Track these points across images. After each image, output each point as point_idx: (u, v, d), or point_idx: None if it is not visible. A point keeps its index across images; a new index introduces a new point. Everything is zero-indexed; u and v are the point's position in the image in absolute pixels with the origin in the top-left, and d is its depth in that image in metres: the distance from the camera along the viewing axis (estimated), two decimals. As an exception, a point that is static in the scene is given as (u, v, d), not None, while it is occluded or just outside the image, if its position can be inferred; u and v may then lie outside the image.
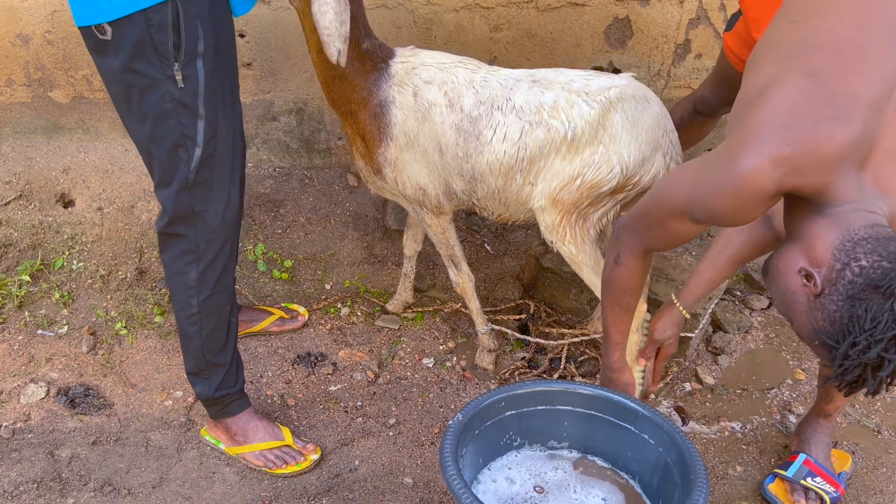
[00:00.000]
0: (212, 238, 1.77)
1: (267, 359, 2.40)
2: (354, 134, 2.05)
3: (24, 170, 2.81)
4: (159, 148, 1.67)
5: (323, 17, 1.73)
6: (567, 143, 1.90)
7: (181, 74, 1.58)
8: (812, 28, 1.37)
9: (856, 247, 1.20)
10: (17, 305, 2.53)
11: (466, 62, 2.01)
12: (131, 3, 1.49)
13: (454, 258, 2.24)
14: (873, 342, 1.17)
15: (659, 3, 2.70)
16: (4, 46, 2.69)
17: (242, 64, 2.79)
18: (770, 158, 1.23)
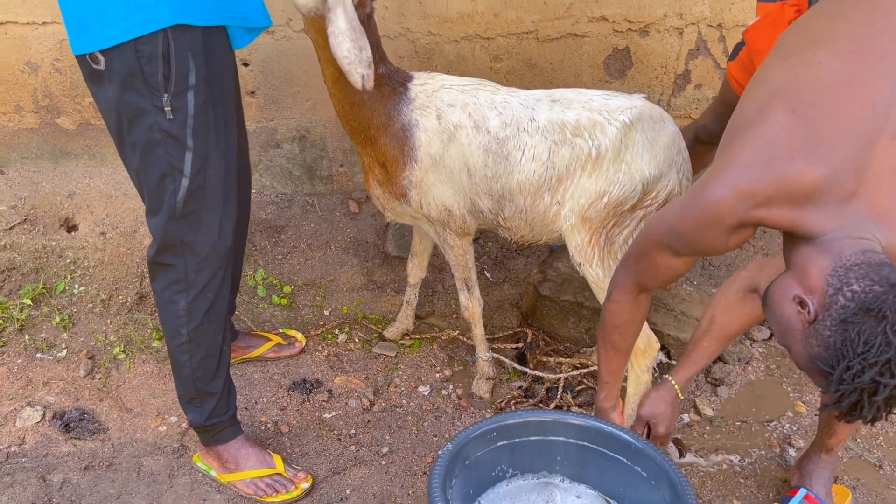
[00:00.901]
0: (201, 268, 1.77)
1: (262, 385, 2.40)
2: (372, 161, 2.05)
3: (30, 194, 2.85)
4: (147, 177, 1.69)
5: (340, 48, 1.75)
6: (592, 161, 1.95)
7: (170, 106, 1.59)
8: (804, 62, 1.40)
9: (848, 272, 1.20)
10: (17, 329, 2.55)
11: (485, 84, 2.04)
12: (122, 33, 1.52)
13: (469, 281, 2.25)
14: (867, 366, 1.16)
15: (658, 34, 2.72)
16: (13, 74, 2.74)
17: (246, 92, 2.82)
18: (736, 191, 1.28)
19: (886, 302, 1.15)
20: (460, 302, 2.29)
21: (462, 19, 2.67)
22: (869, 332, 1.15)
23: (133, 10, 1.51)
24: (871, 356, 1.15)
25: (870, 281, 1.18)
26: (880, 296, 1.16)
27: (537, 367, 2.47)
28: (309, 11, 1.81)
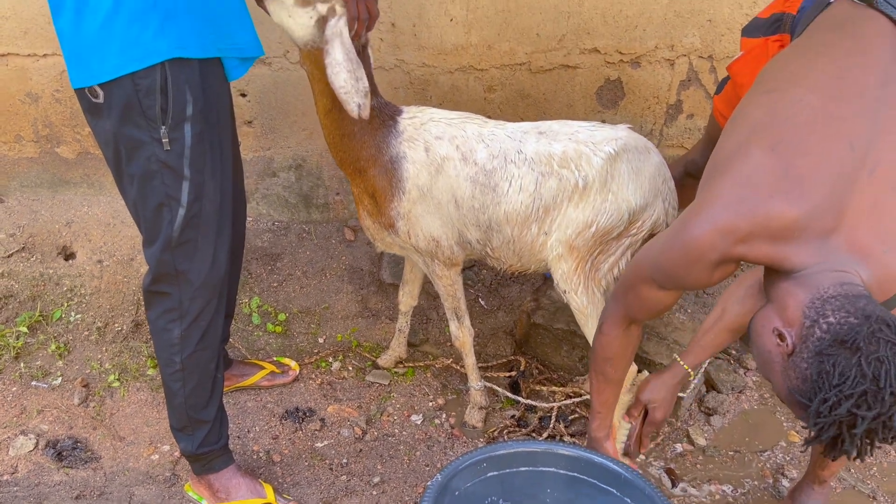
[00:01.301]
0: (195, 296, 1.80)
1: (255, 413, 2.40)
2: (362, 192, 2.08)
3: (29, 223, 2.88)
4: (144, 207, 1.71)
5: (337, 78, 1.79)
6: (579, 192, 1.98)
7: (168, 137, 1.63)
8: (783, 99, 1.42)
9: (824, 304, 1.21)
10: (13, 356, 2.56)
11: (473, 117, 2.08)
12: (120, 66, 1.55)
13: (458, 311, 2.27)
14: (843, 398, 1.16)
15: (650, 65, 2.75)
16: (14, 104, 2.78)
17: (244, 122, 2.86)
18: (717, 228, 1.30)
19: (860, 333, 1.16)
20: (451, 331, 2.31)
21: (456, 51, 2.71)
22: (844, 363, 1.16)
23: (131, 44, 1.54)
24: (847, 388, 1.15)
25: (845, 313, 1.19)
26: (855, 327, 1.16)
27: (530, 396, 2.47)
28: (305, 45, 1.85)
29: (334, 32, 1.78)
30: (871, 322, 1.16)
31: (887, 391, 1.14)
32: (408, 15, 2.63)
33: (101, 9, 1.53)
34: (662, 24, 2.66)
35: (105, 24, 1.54)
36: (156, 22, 1.56)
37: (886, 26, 1.43)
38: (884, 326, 1.16)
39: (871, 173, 1.31)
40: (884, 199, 1.31)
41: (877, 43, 1.41)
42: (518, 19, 2.64)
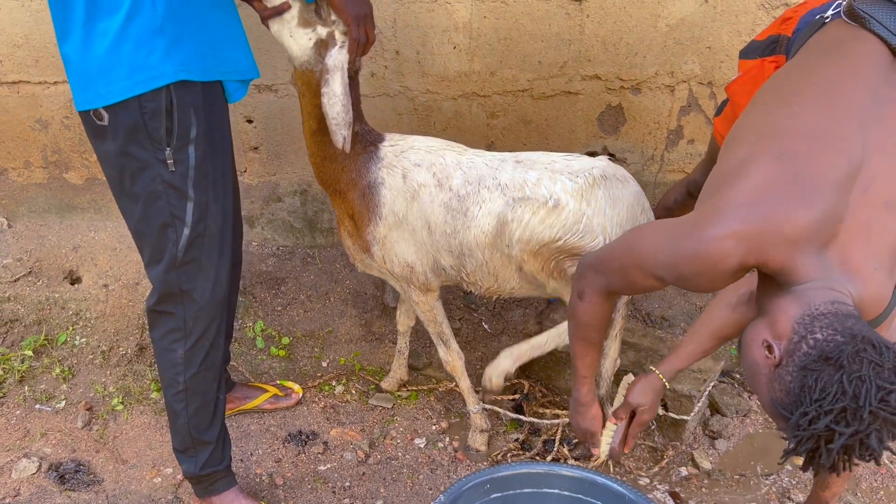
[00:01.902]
0: (199, 316, 1.81)
1: (258, 436, 2.40)
2: (343, 214, 2.12)
3: (36, 247, 2.90)
4: (149, 228, 1.74)
5: (332, 109, 1.85)
6: (548, 209, 1.96)
7: (172, 158, 1.66)
8: (783, 113, 1.45)
9: (814, 321, 1.23)
10: (18, 380, 2.57)
11: (453, 146, 2.10)
12: (126, 89, 1.58)
13: (442, 336, 2.27)
14: (823, 413, 1.18)
15: (650, 91, 2.79)
16: (24, 131, 2.83)
17: (249, 148, 2.90)
18: (733, 233, 1.30)
19: (845, 352, 1.17)
20: (440, 357, 2.31)
21: (459, 78, 2.75)
22: (826, 379, 1.18)
23: (138, 67, 1.58)
24: (827, 404, 1.17)
25: (833, 331, 1.21)
26: (840, 345, 1.18)
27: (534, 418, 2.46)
28: (301, 65, 1.89)
29: (336, 64, 1.83)
30: (857, 341, 1.18)
31: (866, 409, 1.15)
32: (411, 43, 2.68)
33: (109, 33, 1.57)
34: (662, 51, 2.71)
35: (112, 47, 1.58)
36: (162, 46, 1.59)
37: (878, 48, 1.46)
38: (868, 346, 1.18)
39: (865, 191, 1.33)
40: (876, 216, 1.33)
41: (868, 64, 1.44)
42: (520, 47, 2.69)
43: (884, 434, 1.17)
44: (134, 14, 1.56)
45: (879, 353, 1.17)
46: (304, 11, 1.80)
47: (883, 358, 1.17)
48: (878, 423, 1.16)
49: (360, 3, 1.78)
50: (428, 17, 2.63)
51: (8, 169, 2.93)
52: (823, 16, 1.62)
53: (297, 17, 1.81)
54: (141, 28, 1.57)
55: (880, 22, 1.45)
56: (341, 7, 1.77)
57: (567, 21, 2.64)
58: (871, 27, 1.47)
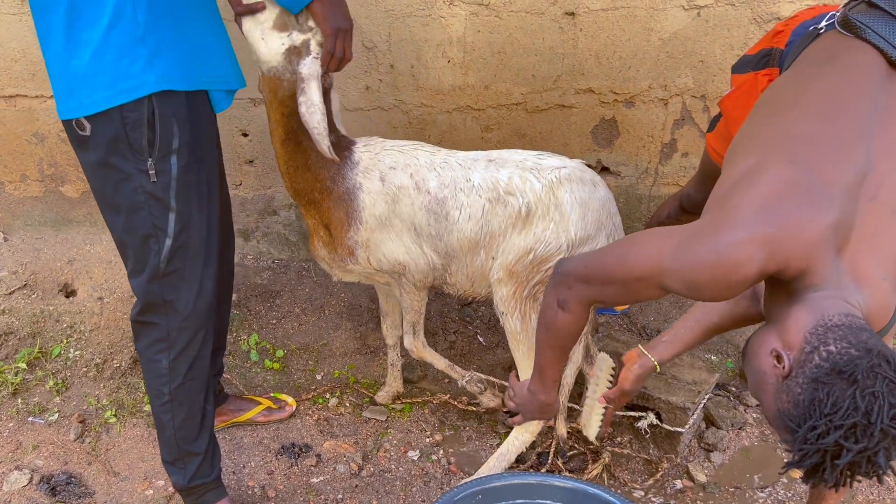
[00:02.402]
0: (183, 326, 1.80)
1: (251, 449, 2.39)
2: (317, 224, 2.09)
3: (32, 260, 2.91)
4: (132, 238, 1.73)
5: (312, 118, 1.82)
6: (522, 219, 2.00)
7: (154, 169, 1.65)
8: (787, 122, 1.44)
9: (827, 333, 1.20)
10: (11, 393, 2.56)
11: (423, 146, 2.11)
12: (108, 99, 1.58)
13: (416, 325, 2.28)
14: (832, 428, 1.15)
15: (644, 104, 2.81)
16: (21, 144, 2.84)
17: (245, 161, 2.92)
18: (753, 238, 1.25)
19: (860, 367, 1.14)
20: (405, 344, 2.31)
21: (454, 91, 2.77)
22: (838, 394, 1.14)
23: (120, 77, 1.57)
24: (838, 419, 1.14)
25: (847, 343, 1.17)
26: (855, 359, 1.15)
27: (528, 432, 2.45)
28: (269, 70, 1.85)
29: (311, 73, 1.80)
30: (872, 356, 1.15)
31: (877, 427, 1.12)
32: (406, 57, 2.70)
33: (90, 43, 1.56)
34: (655, 64, 2.72)
35: (94, 57, 1.57)
36: (144, 56, 1.59)
37: (874, 57, 1.46)
38: (883, 362, 1.15)
39: (873, 199, 1.31)
40: (884, 225, 1.31)
41: (866, 73, 1.44)
42: (514, 60, 2.71)
43: (892, 451, 1.14)
44: (115, 23, 1.55)
45: (894, 369, 1.15)
46: (282, 14, 1.77)
47: None
48: (888, 441, 1.13)
49: (341, 17, 1.76)
50: (422, 31, 2.66)
51: (4, 182, 2.94)
52: (817, 27, 1.63)
53: (272, 19, 1.78)
54: (122, 38, 1.56)
55: (875, 31, 1.46)
56: (322, 17, 1.74)
57: (560, 35, 2.67)
58: (866, 36, 1.47)
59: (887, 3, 1.49)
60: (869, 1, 1.51)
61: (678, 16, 2.64)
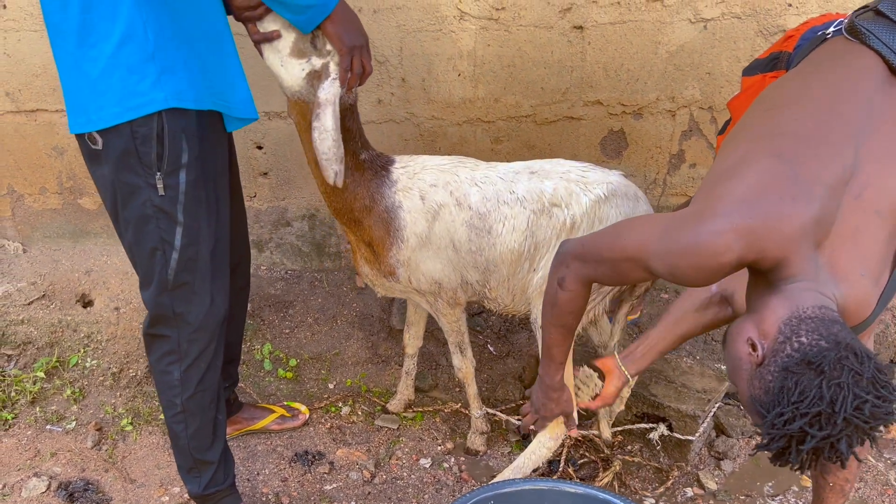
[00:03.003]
0: (194, 338, 1.83)
1: (265, 456, 2.42)
2: (359, 241, 2.12)
3: (50, 271, 2.96)
4: (139, 250, 1.76)
5: (322, 143, 1.83)
6: (567, 230, 2.02)
7: (162, 183, 1.67)
8: (781, 117, 1.49)
9: (801, 324, 1.26)
10: (29, 401, 2.61)
11: (465, 161, 2.13)
12: (118, 115, 1.61)
13: (462, 344, 2.31)
14: (798, 415, 1.20)
15: (652, 116, 2.84)
16: (41, 158, 2.90)
17: (259, 173, 2.97)
18: (733, 228, 1.31)
19: (827, 358, 1.20)
20: (454, 364, 2.35)
21: (464, 104, 2.81)
22: (806, 383, 1.20)
23: (130, 93, 1.60)
24: (804, 406, 1.19)
25: (818, 335, 1.23)
26: (824, 351, 1.21)
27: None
28: (293, 95, 1.89)
29: (327, 98, 1.80)
30: (840, 349, 1.21)
31: (840, 416, 1.18)
32: (417, 70, 2.75)
33: (100, 59, 1.59)
34: (663, 77, 2.76)
35: (104, 73, 1.60)
36: (153, 73, 1.61)
37: (875, 62, 1.50)
38: (851, 355, 1.20)
39: (857, 198, 1.36)
40: (866, 223, 1.36)
41: (865, 76, 1.48)
42: (523, 74, 2.75)
43: (854, 439, 1.19)
44: (126, 40, 1.58)
45: (860, 362, 1.20)
46: (298, 41, 1.80)
47: (863, 367, 1.19)
48: (850, 430, 1.18)
49: (354, 34, 1.78)
50: (433, 45, 2.71)
51: (24, 195, 3.00)
52: (825, 32, 1.67)
53: (289, 46, 1.80)
54: (133, 55, 1.59)
55: (879, 38, 1.50)
56: (335, 37, 1.76)
57: (569, 48, 2.71)
58: (870, 42, 1.51)
59: (893, 12, 1.53)
60: (876, 9, 1.56)
61: (685, 29, 2.67)
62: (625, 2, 2.62)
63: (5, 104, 2.81)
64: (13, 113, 2.83)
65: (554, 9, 2.63)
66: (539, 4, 2.62)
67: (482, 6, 2.62)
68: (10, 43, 2.70)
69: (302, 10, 1.70)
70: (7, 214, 3.04)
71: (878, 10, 1.56)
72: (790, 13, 2.63)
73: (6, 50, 2.71)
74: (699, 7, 2.63)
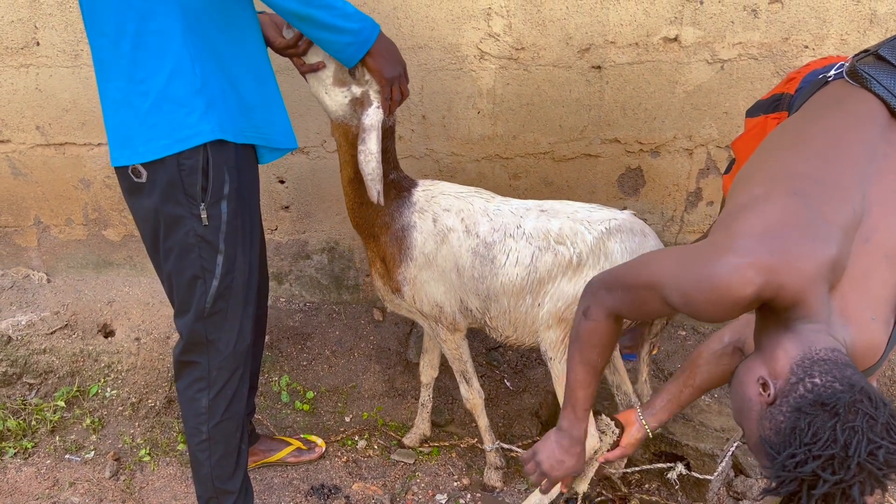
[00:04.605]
0: (223, 366, 1.87)
1: (281, 489, 2.42)
2: (375, 256, 2.21)
3: (73, 301, 3.01)
4: (180, 279, 1.81)
5: (368, 165, 1.95)
6: (573, 268, 2.06)
7: (206, 213, 1.74)
8: (793, 158, 1.50)
9: (814, 365, 1.25)
10: (49, 430, 2.63)
11: (482, 192, 2.21)
12: (166, 147, 1.67)
13: (466, 374, 2.33)
14: (811, 457, 1.18)
15: (669, 154, 2.87)
16: (68, 190, 2.97)
17: (281, 207, 3.01)
18: (752, 263, 1.30)
19: (842, 401, 1.19)
20: (462, 394, 2.36)
21: (483, 141, 2.86)
22: (819, 425, 1.18)
23: (178, 126, 1.67)
24: (817, 449, 1.17)
25: (832, 378, 1.22)
26: (838, 393, 1.20)
27: (556, 478, 2.46)
28: (337, 118, 2.00)
29: (372, 124, 1.93)
30: (855, 392, 1.20)
31: (854, 460, 1.16)
32: (437, 108, 2.80)
33: (150, 93, 1.66)
34: (680, 116, 2.79)
35: (153, 107, 1.66)
36: (201, 107, 1.68)
37: (878, 107, 1.52)
38: (865, 399, 1.20)
39: (866, 242, 1.36)
40: (875, 268, 1.36)
41: (868, 121, 1.50)
42: (542, 112, 2.79)
43: (867, 486, 1.17)
44: (175, 76, 1.65)
45: (875, 406, 1.19)
46: (338, 72, 1.90)
47: (878, 412, 1.18)
48: (864, 476, 1.16)
49: (393, 65, 1.87)
50: (454, 84, 2.76)
51: (50, 226, 3.06)
52: (826, 75, 1.69)
53: (332, 76, 1.92)
54: (182, 88, 1.66)
55: (881, 83, 1.52)
56: (376, 70, 1.86)
57: (587, 88, 2.75)
58: (872, 87, 1.53)
59: (894, 57, 1.55)
60: (877, 53, 1.58)
61: (702, 69, 2.71)
62: (643, 42, 2.66)
63: (35, 137, 2.88)
64: (42, 146, 2.90)
65: (573, 49, 2.68)
66: (558, 45, 2.67)
67: (502, 46, 2.68)
68: (41, 78, 2.78)
69: (342, 48, 1.78)
70: (33, 245, 3.10)
71: (879, 54, 1.58)
72: (806, 55, 2.66)
73: (38, 85, 2.79)
74: (716, 48, 2.67)
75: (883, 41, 1.63)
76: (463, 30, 2.65)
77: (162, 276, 1.87)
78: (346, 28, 1.74)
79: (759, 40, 2.65)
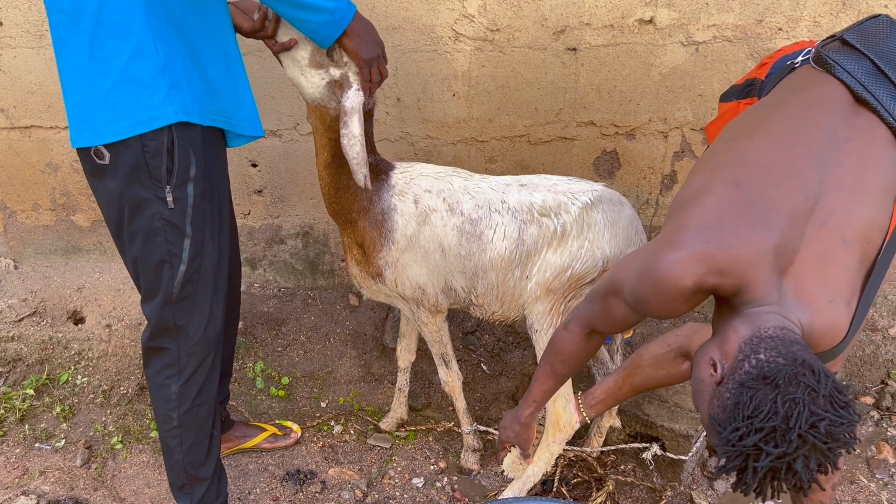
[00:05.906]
0: (193, 351, 1.84)
1: (256, 475, 2.40)
2: (352, 242, 2.18)
3: (41, 288, 2.95)
4: (146, 264, 1.77)
5: (352, 149, 1.91)
6: (558, 238, 2.08)
7: (171, 196, 1.69)
8: (745, 147, 1.51)
9: (760, 342, 1.26)
10: (18, 419, 2.58)
11: (459, 171, 2.20)
12: (129, 128, 1.62)
13: (446, 356, 2.33)
14: (753, 430, 1.19)
15: (644, 137, 2.87)
16: (34, 174, 2.90)
17: (254, 191, 2.97)
18: (690, 254, 1.34)
19: (783, 373, 1.19)
20: (440, 377, 2.36)
21: (458, 124, 2.83)
22: (761, 398, 1.19)
23: (141, 107, 1.62)
24: (758, 421, 1.18)
25: (776, 353, 1.23)
26: (781, 367, 1.20)
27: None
28: (314, 101, 1.95)
29: (353, 106, 1.89)
30: (797, 365, 1.20)
31: (795, 432, 1.16)
32: (412, 90, 2.77)
33: (111, 73, 1.60)
34: (655, 98, 2.79)
35: (114, 87, 1.61)
36: (164, 88, 1.63)
37: (840, 91, 1.53)
38: (808, 371, 1.20)
39: (823, 225, 1.38)
40: (833, 250, 1.37)
41: (830, 105, 1.51)
42: (517, 94, 2.78)
43: (811, 461, 1.17)
44: (137, 56, 1.60)
45: (818, 379, 1.19)
46: (315, 54, 1.85)
47: (820, 385, 1.18)
48: (807, 449, 1.16)
49: (371, 46, 1.83)
50: (428, 65, 2.73)
51: (17, 211, 2.99)
52: (794, 61, 1.70)
53: (308, 58, 1.87)
54: (144, 69, 1.60)
55: (844, 68, 1.53)
56: (354, 51, 1.82)
57: (563, 70, 2.74)
58: (835, 73, 1.54)
59: (859, 41, 1.56)
60: (842, 39, 1.59)
61: (677, 51, 2.71)
62: (618, 24, 2.65)
63: (0, 121, 2.81)
64: (7, 129, 2.83)
65: (548, 31, 2.66)
66: (533, 26, 2.65)
67: (477, 28, 2.65)
68: (5, 60, 2.70)
69: (318, 27, 1.73)
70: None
71: (845, 39, 1.59)
72: (780, 37, 2.67)
73: (2, 66, 2.72)
74: (691, 30, 2.67)
75: (849, 26, 1.64)
76: (438, 10, 2.62)
77: (127, 260, 1.83)
78: (322, 6, 1.71)
79: (733, 22, 2.65)
